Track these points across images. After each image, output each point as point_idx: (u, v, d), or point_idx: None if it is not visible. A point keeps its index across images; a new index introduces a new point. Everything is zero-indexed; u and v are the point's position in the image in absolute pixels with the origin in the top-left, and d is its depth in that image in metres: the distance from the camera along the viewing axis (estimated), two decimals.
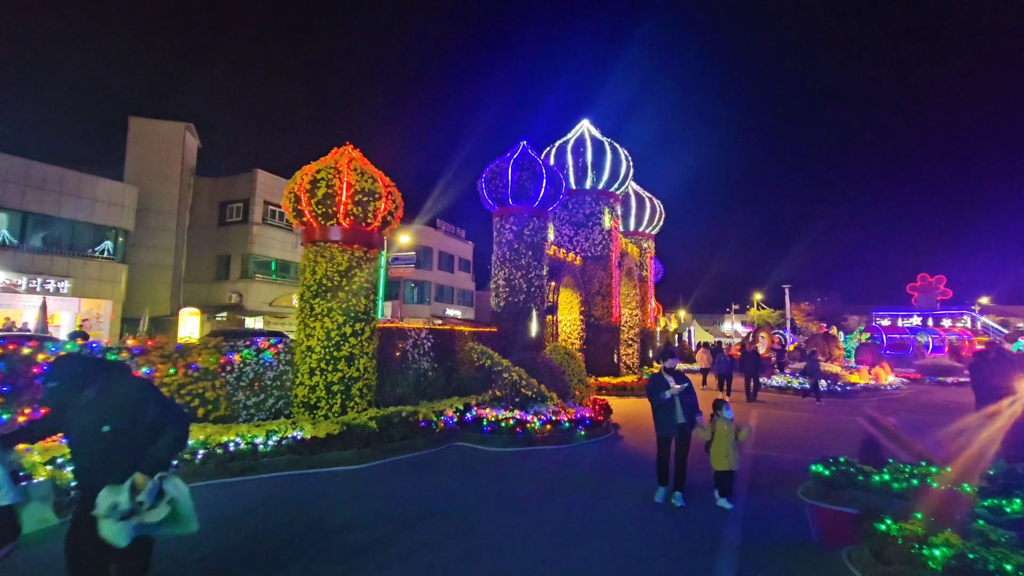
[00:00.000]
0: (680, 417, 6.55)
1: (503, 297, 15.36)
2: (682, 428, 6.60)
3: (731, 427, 6.68)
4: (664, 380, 6.67)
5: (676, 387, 6.51)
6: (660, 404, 6.61)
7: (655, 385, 6.71)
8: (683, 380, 6.69)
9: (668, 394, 6.50)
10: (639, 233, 26.48)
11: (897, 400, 19.07)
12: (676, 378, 6.65)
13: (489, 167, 15.68)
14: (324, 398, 9.19)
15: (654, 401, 6.69)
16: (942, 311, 40.16)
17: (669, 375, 6.70)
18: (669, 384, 6.59)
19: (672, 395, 6.50)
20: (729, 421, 6.69)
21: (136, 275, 28.36)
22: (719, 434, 6.64)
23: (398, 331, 11.48)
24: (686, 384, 6.66)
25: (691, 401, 6.67)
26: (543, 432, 10.26)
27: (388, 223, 10.16)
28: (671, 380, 6.63)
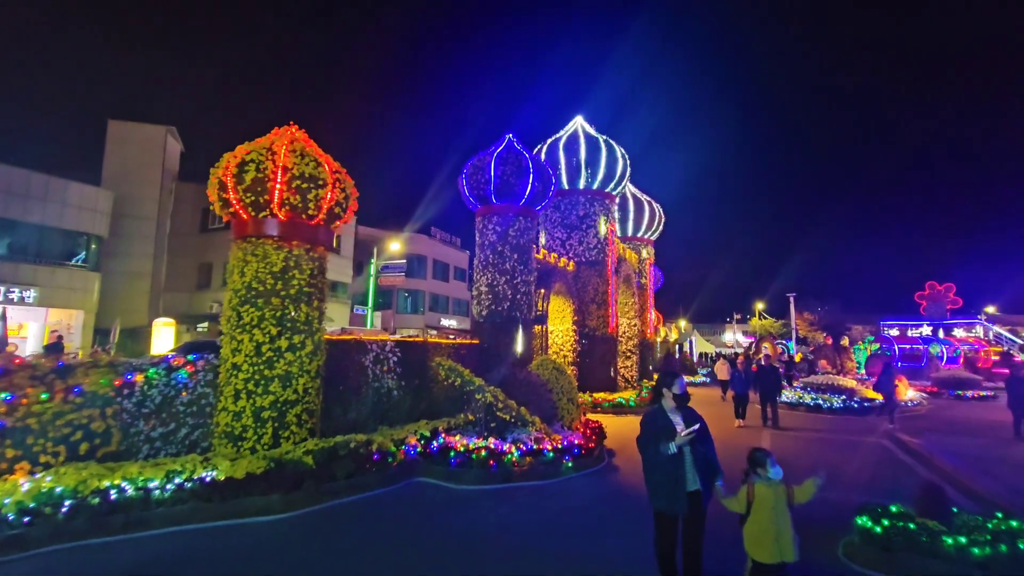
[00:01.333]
0: (691, 482, 4.19)
1: (485, 305, 13.63)
2: (694, 499, 4.19)
3: (780, 493, 4.12)
4: (666, 419, 4.34)
5: (684, 433, 4.14)
6: (658, 461, 4.18)
7: (651, 429, 4.31)
8: (695, 418, 4.35)
9: (673, 446, 4.10)
10: (638, 239, 24.80)
11: (919, 418, 17.22)
12: (684, 415, 4.39)
13: (470, 161, 14.01)
14: (252, 427, 7.43)
15: (648, 456, 4.28)
16: (953, 320, 38.31)
17: (675, 413, 4.41)
18: (674, 427, 4.26)
19: (679, 446, 4.13)
20: (777, 484, 4.15)
21: (111, 283, 26.70)
22: (761, 504, 4.10)
23: (355, 345, 9.75)
24: (698, 424, 4.25)
25: (707, 453, 4.32)
26: (522, 464, 8.50)
27: (337, 216, 8.45)
28: (677, 419, 4.34)
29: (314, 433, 8.03)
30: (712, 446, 4.44)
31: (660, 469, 4.20)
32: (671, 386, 4.47)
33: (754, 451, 4.33)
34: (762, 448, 4.34)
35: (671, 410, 4.43)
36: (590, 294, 18.00)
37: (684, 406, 4.48)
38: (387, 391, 10.07)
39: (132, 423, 6.92)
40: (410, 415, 10.06)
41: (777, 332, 63.38)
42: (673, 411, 4.43)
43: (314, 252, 8.25)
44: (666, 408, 4.45)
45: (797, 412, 17.52)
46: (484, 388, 8.89)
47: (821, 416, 16.90)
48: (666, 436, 4.18)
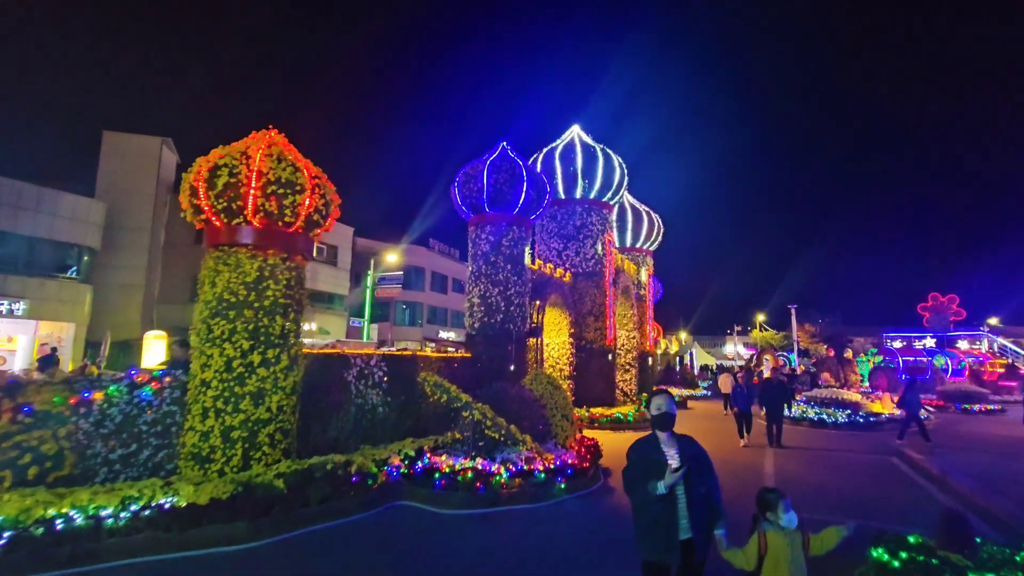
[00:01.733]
0: (685, 528, 3.42)
1: (478, 317, 13.16)
2: (688, 548, 3.43)
3: (797, 543, 3.45)
4: (656, 451, 3.54)
5: (672, 471, 3.32)
6: (647, 501, 3.41)
7: (639, 463, 3.57)
8: (693, 450, 3.57)
9: (663, 486, 3.30)
10: (636, 249, 24.35)
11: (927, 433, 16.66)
12: (680, 446, 3.57)
13: (463, 170, 13.62)
14: (220, 448, 6.92)
15: (635, 496, 3.54)
16: (957, 332, 37.74)
17: (669, 443, 3.58)
18: (666, 460, 3.45)
19: (669, 486, 3.33)
20: (792, 532, 3.48)
21: (103, 296, 26.25)
22: (774, 558, 3.40)
23: (339, 359, 9.26)
24: (693, 460, 3.46)
25: (709, 493, 3.51)
26: (511, 486, 7.96)
27: (316, 224, 8.00)
28: (671, 452, 3.51)
29: (289, 454, 7.51)
30: (715, 484, 3.60)
31: (648, 512, 3.43)
32: (658, 406, 3.60)
33: (764, 493, 3.58)
34: (774, 489, 3.63)
35: (665, 439, 3.60)
36: (587, 306, 17.51)
37: (679, 434, 3.66)
38: (372, 408, 9.56)
39: (89, 445, 6.41)
40: (395, 433, 9.54)
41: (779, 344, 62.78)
42: (668, 440, 3.59)
43: (291, 261, 7.78)
44: (659, 437, 3.62)
45: (801, 427, 16.96)
46: (471, 405, 8.38)
47: (826, 432, 16.34)
48: (656, 472, 3.37)
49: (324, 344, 25.71)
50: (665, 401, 3.61)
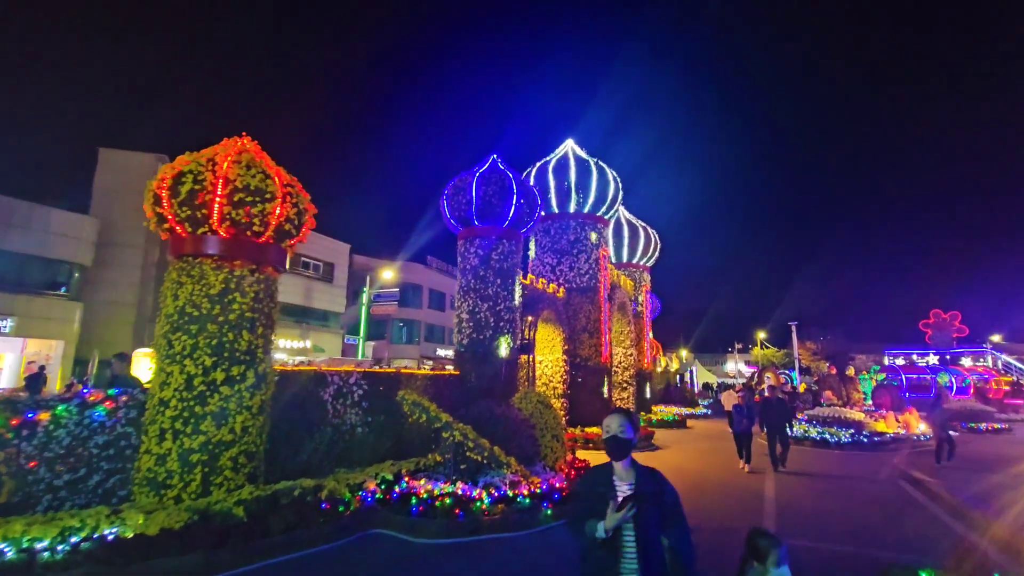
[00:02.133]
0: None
1: (466, 334, 12.67)
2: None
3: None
4: (606, 485, 2.83)
5: (616, 509, 2.60)
6: (588, 548, 2.74)
7: (583, 498, 2.98)
8: (651, 483, 2.82)
9: (603, 528, 2.60)
10: (633, 265, 23.93)
11: (933, 453, 16.07)
12: (637, 478, 2.83)
13: (452, 182, 13.24)
14: (178, 472, 6.43)
15: (577, 540, 2.81)
16: (960, 349, 37.13)
17: (623, 476, 2.85)
18: (612, 496, 2.72)
19: (611, 529, 2.61)
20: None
21: (94, 313, 25.84)
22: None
23: (314, 377, 8.77)
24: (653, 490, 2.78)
25: (671, 546, 2.75)
26: (493, 513, 7.44)
27: (289, 234, 7.59)
28: (623, 486, 2.80)
29: (255, 479, 7.01)
30: (685, 533, 2.78)
31: (590, 560, 2.71)
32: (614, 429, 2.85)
33: (756, 537, 2.93)
34: (767, 533, 2.97)
35: (621, 470, 2.84)
36: (581, 322, 17.04)
37: (643, 465, 2.91)
38: (350, 428, 9.06)
39: (31, 469, 5.93)
40: (375, 455, 9.02)
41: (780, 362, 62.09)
42: (624, 471, 2.83)
43: (260, 273, 7.35)
44: (616, 467, 2.86)
45: (803, 447, 16.36)
46: (452, 425, 7.89)
47: (828, 452, 15.76)
48: (601, 509, 2.63)
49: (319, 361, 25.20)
50: (617, 422, 2.86)
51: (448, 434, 7.97)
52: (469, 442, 7.90)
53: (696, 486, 10.83)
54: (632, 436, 2.86)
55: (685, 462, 13.71)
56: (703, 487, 10.76)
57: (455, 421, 8.02)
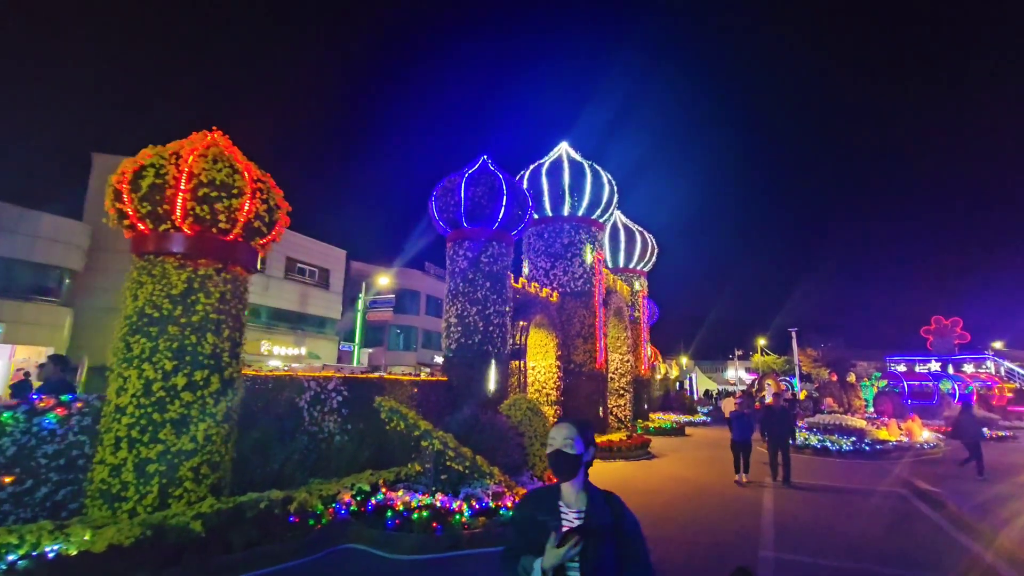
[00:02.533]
0: None
1: (454, 339, 12.28)
2: None
3: None
4: (550, 511, 2.22)
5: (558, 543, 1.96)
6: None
7: (519, 526, 2.28)
8: (605, 511, 2.20)
9: (540, 566, 2.00)
10: (630, 270, 23.53)
11: (937, 462, 15.58)
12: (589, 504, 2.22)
13: (441, 183, 12.88)
14: (133, 483, 6.00)
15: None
16: (962, 355, 36.63)
17: (572, 501, 2.24)
18: (557, 524, 2.14)
19: (552, 567, 1.99)
20: None
21: (85, 319, 25.41)
22: None
23: (290, 383, 8.36)
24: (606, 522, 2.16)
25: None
26: (473, 526, 7.00)
27: (259, 232, 7.19)
28: (570, 513, 2.20)
29: (219, 491, 6.58)
30: (645, 570, 2.19)
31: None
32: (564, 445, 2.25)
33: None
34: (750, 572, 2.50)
35: (572, 493, 2.25)
36: (576, 327, 16.61)
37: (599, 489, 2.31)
38: (327, 436, 8.63)
39: None
40: (353, 464, 8.58)
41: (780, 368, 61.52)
42: (575, 494, 2.25)
43: (227, 273, 6.96)
44: (563, 490, 2.28)
45: (803, 456, 15.89)
46: (432, 433, 7.46)
47: (829, 460, 15.28)
48: (540, 541, 2.05)
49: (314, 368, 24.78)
50: (563, 434, 2.27)
51: (427, 443, 7.55)
52: (449, 451, 7.47)
53: (690, 497, 10.38)
54: (582, 451, 2.26)
55: (681, 471, 13.25)
56: (698, 498, 10.30)
57: (435, 429, 7.59)
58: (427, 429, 7.46)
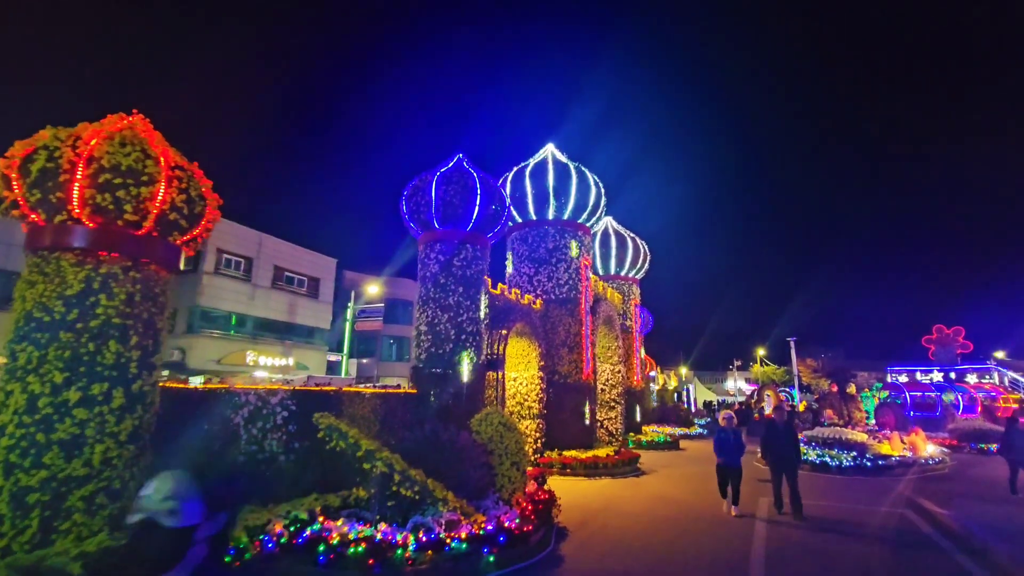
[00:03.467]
0: None
1: (424, 348, 11.38)
2: None
3: None
4: None
5: None
6: None
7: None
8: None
9: None
10: (621, 277, 22.62)
11: (944, 479, 14.57)
12: None
13: (412, 182, 12.04)
14: (9, 516, 5.09)
15: None
16: (964, 366, 35.54)
17: None
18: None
19: None
20: None
21: None
22: None
23: (224, 397, 7.45)
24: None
25: None
26: (419, 562, 6.04)
27: (178, 226, 6.32)
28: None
29: (117, 523, 5.65)
30: None
31: None
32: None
33: None
34: None
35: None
36: (560, 336, 15.66)
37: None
38: (269, 457, 7.71)
39: None
40: (295, 488, 7.64)
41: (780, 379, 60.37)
42: None
43: (137, 271, 6.06)
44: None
45: (801, 471, 14.78)
46: (375, 454, 6.53)
47: (829, 477, 14.26)
48: None
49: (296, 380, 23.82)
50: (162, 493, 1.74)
51: (370, 465, 6.61)
52: (396, 474, 6.54)
53: (676, 521, 9.41)
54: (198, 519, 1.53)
55: (670, 490, 12.26)
56: (684, 521, 9.33)
57: (381, 449, 6.66)
58: (369, 449, 6.53)
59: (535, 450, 14.13)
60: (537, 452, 14.12)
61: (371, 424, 9.97)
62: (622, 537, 8.27)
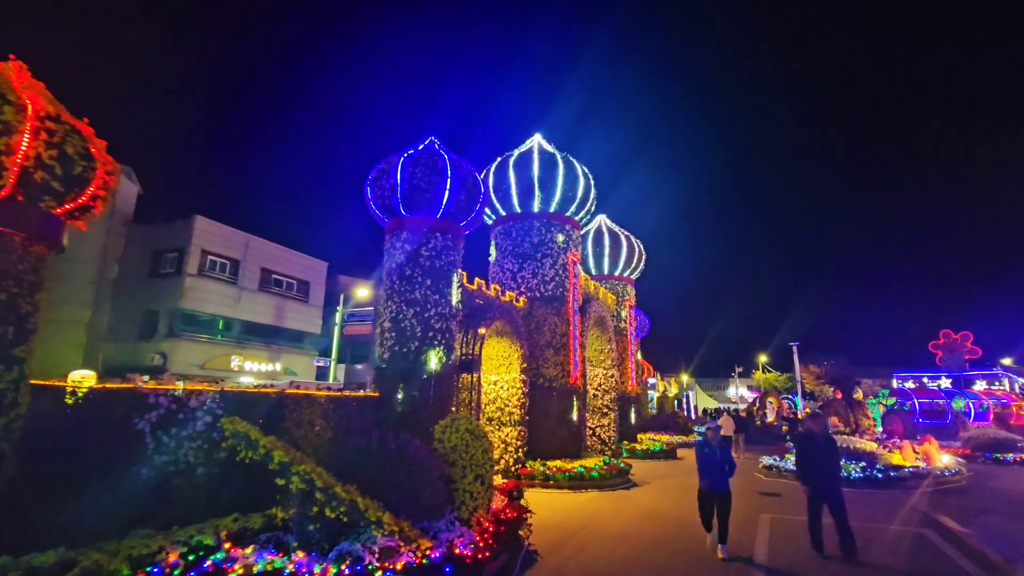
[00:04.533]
0: None
1: (388, 346, 10.20)
2: None
3: None
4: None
5: None
6: None
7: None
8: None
9: None
10: (615, 277, 21.41)
11: (961, 492, 13.27)
12: None
13: (377, 166, 10.92)
14: None
15: None
16: (973, 371, 34.15)
17: None
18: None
19: None
20: None
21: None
22: None
23: (127, 398, 6.28)
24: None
25: None
26: None
27: (52, 191, 5.17)
28: None
29: None
30: None
31: None
32: None
33: None
34: None
35: None
36: (546, 336, 14.43)
37: None
38: (184, 469, 6.51)
39: None
40: (213, 506, 6.44)
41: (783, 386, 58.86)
42: None
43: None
44: None
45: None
46: (291, 467, 5.34)
47: None
48: None
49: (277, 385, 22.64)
50: None
51: (284, 481, 5.42)
52: (317, 492, 5.35)
53: (663, 545, 8.20)
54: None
55: (661, 504, 11.00)
56: (674, 544, 8.12)
57: (300, 460, 5.47)
58: (283, 461, 5.35)
59: (516, 460, 12.89)
60: (518, 462, 12.88)
61: (323, 432, 8.80)
62: (598, 565, 7.05)
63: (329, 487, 5.42)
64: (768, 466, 15.16)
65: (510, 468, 12.67)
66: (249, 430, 5.56)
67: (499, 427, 13.14)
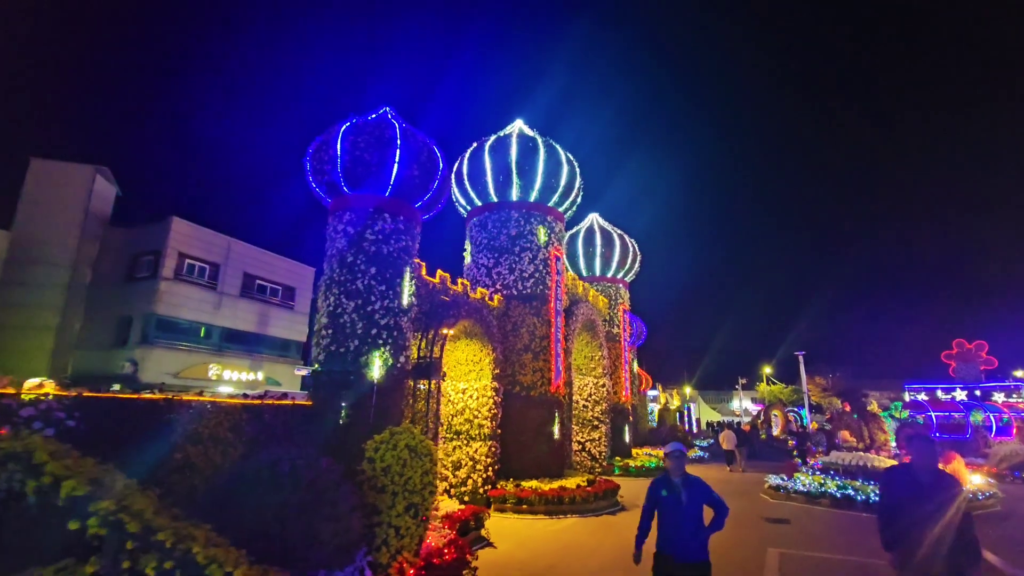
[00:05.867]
0: None
1: (323, 346, 8.53)
2: None
3: None
4: None
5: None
6: None
7: None
8: None
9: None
10: (607, 279, 19.66)
11: (1000, 518, 11.42)
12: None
13: (319, 137, 9.31)
14: None
15: None
16: (990, 383, 32.08)
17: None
18: None
19: None
20: None
21: (3, 338, 22.14)
22: None
23: None
24: None
25: None
26: None
27: None
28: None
29: None
30: None
31: None
32: None
33: None
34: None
35: None
36: (524, 339, 12.66)
37: None
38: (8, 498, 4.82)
39: None
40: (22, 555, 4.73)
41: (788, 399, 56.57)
42: None
43: None
44: None
45: (819, 507, 11.76)
46: (90, 503, 3.68)
47: (853, 515, 11.06)
48: None
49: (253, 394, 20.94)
50: None
51: (76, 524, 3.75)
52: (128, 539, 3.67)
53: None
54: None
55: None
56: None
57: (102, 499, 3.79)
58: (76, 495, 3.67)
59: (485, 480, 11.09)
60: (488, 482, 11.08)
61: (232, 447, 7.12)
62: None
63: (146, 526, 3.71)
64: (775, 486, 13.32)
65: (478, 490, 10.89)
66: (37, 451, 3.86)
67: (467, 442, 11.37)
